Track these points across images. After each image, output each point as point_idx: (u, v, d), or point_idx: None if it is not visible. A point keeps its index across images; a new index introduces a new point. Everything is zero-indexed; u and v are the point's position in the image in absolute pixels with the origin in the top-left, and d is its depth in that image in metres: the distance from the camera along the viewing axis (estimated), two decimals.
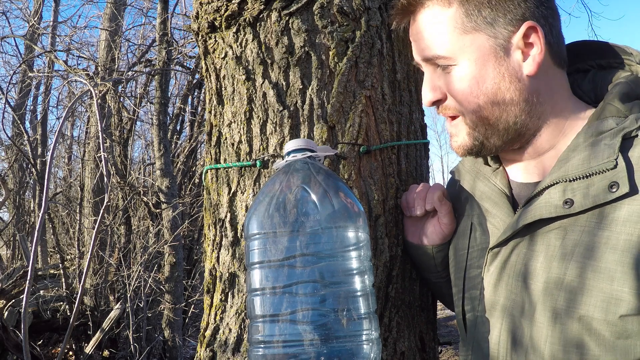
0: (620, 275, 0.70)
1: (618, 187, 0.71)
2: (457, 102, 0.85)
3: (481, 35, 0.81)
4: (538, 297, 0.77)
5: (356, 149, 1.01)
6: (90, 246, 4.86)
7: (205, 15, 1.10)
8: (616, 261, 0.70)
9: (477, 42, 0.81)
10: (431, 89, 0.88)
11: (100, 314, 4.61)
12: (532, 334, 0.78)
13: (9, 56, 10.97)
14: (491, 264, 0.87)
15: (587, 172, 0.75)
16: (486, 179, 0.93)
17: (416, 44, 0.90)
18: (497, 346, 0.83)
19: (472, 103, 0.83)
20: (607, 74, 0.87)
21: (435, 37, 0.84)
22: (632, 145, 0.74)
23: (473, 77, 0.82)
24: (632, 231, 0.70)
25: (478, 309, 0.88)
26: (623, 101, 0.79)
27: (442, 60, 0.84)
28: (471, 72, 0.82)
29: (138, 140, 8.08)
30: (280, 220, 0.78)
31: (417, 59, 0.91)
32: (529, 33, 0.80)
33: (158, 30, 4.50)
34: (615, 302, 0.70)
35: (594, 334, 0.71)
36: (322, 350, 0.73)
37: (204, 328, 1.09)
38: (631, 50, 0.87)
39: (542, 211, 0.78)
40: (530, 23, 0.80)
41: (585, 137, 0.78)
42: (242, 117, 1.06)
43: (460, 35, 0.82)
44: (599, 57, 0.90)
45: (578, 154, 0.77)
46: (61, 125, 2.53)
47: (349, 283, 0.78)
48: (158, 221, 4.65)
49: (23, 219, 7.60)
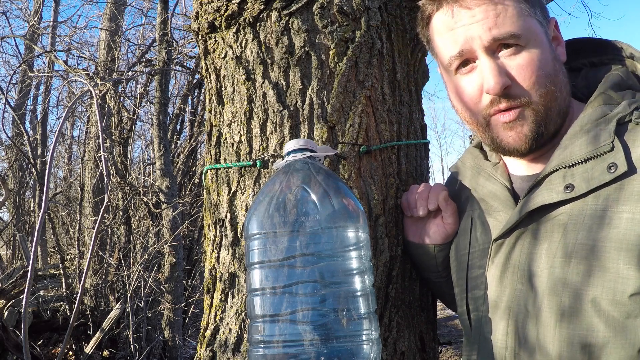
0: (624, 254, 0.71)
1: (617, 168, 0.73)
2: (525, 87, 0.82)
3: (535, 21, 0.84)
4: (544, 293, 0.78)
5: (356, 149, 1.01)
6: (90, 246, 4.86)
7: (205, 15, 1.10)
8: (620, 240, 0.71)
9: (536, 27, 0.83)
10: (501, 73, 0.81)
11: (100, 314, 4.61)
12: (538, 329, 0.78)
13: (9, 56, 10.97)
14: (495, 256, 0.87)
15: (585, 157, 0.77)
16: (487, 174, 0.94)
17: (480, 24, 0.81)
18: (503, 345, 0.83)
19: (541, 86, 0.82)
20: (598, 71, 0.90)
21: (508, 15, 0.81)
22: (627, 129, 0.77)
23: (540, 60, 0.82)
24: (634, 209, 0.71)
25: (482, 309, 0.88)
26: (615, 90, 0.83)
27: (515, 39, 0.81)
28: (539, 55, 0.82)
29: (138, 140, 8.08)
30: (280, 220, 0.78)
31: (477, 43, 0.82)
32: (557, 27, 0.87)
33: (158, 30, 4.50)
34: (622, 281, 0.70)
35: (604, 315, 0.72)
36: (322, 350, 0.73)
37: (204, 328, 1.09)
38: (621, 45, 0.89)
39: (544, 197, 0.79)
40: (554, 19, 0.87)
41: (582, 124, 0.80)
42: (242, 117, 1.06)
43: (527, 17, 0.83)
44: (591, 55, 0.92)
45: (576, 140, 0.79)
46: (61, 125, 2.53)
47: (349, 283, 0.78)
48: (158, 221, 4.65)
49: (23, 219, 7.60)
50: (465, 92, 0.87)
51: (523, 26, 0.81)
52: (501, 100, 0.82)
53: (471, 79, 0.86)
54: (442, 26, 0.87)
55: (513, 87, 0.82)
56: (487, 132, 0.87)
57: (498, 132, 0.85)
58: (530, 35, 0.82)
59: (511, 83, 0.82)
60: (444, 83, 0.95)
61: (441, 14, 0.87)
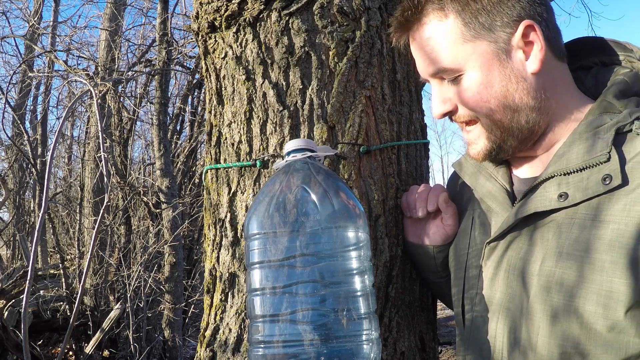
0: (609, 266, 0.71)
1: (611, 180, 0.73)
2: (468, 109, 0.86)
3: (482, 41, 0.82)
4: (535, 294, 0.77)
5: (356, 149, 1.01)
6: (90, 246, 4.86)
7: (205, 15, 1.10)
8: (606, 252, 0.71)
9: (479, 49, 0.82)
10: (441, 101, 0.88)
11: (100, 314, 4.61)
12: (530, 332, 0.78)
13: (9, 56, 10.97)
14: (488, 258, 0.87)
15: (581, 166, 0.76)
16: (489, 175, 0.94)
17: (419, 61, 0.89)
18: (494, 345, 0.84)
19: (484, 108, 0.83)
20: (608, 71, 0.88)
21: (437, 51, 0.84)
22: (626, 139, 0.76)
23: (481, 84, 0.82)
24: (620, 220, 0.71)
25: (476, 309, 0.88)
26: (618, 98, 0.81)
27: (448, 72, 0.84)
28: (478, 79, 0.82)
29: (138, 140, 8.08)
30: (280, 220, 0.78)
31: (423, 75, 0.91)
32: (528, 32, 0.81)
33: (158, 30, 4.50)
34: (607, 294, 0.70)
35: (589, 329, 0.72)
36: (322, 350, 0.73)
37: (204, 328, 1.09)
38: (632, 47, 0.88)
39: (537, 204, 0.80)
40: (527, 22, 0.81)
41: (581, 132, 0.80)
42: (242, 117, 1.06)
43: (462, 44, 0.82)
44: (601, 54, 0.91)
45: (573, 148, 0.79)
46: (61, 125, 2.53)
47: (349, 283, 0.78)
48: (158, 221, 4.65)
49: (23, 219, 7.60)
50: None
51: (456, 57, 0.83)
52: (453, 119, 0.90)
53: None
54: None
55: (459, 109, 0.87)
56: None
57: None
58: (466, 62, 0.82)
59: (452, 109, 0.88)
60: None
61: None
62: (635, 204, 0.70)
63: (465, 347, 0.91)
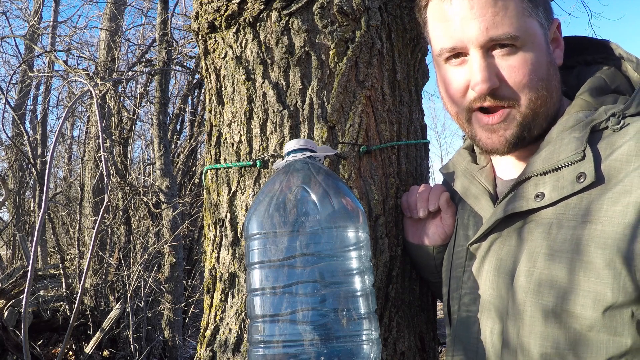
0: (591, 266, 0.70)
1: (585, 178, 0.73)
2: (515, 89, 0.80)
3: (535, 22, 0.81)
4: (525, 294, 0.77)
5: (356, 149, 1.01)
6: (90, 246, 4.85)
7: (205, 15, 1.10)
8: (591, 253, 0.71)
9: (535, 29, 0.80)
10: (491, 74, 0.79)
11: (100, 314, 4.61)
12: (520, 333, 0.77)
13: (9, 56, 10.96)
14: (472, 259, 0.88)
15: (556, 165, 0.76)
16: (472, 177, 0.95)
17: (474, 23, 0.79)
18: (483, 344, 0.84)
19: (532, 90, 0.79)
20: (590, 70, 0.88)
21: (507, 15, 0.78)
22: (601, 137, 0.76)
23: (535, 63, 0.79)
24: (602, 221, 0.71)
25: (463, 309, 0.89)
26: (594, 95, 0.81)
27: (512, 40, 0.78)
28: (533, 58, 0.79)
29: (138, 140, 8.08)
30: (280, 220, 0.78)
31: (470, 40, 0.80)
32: (559, 28, 0.85)
33: (158, 30, 4.51)
34: (593, 295, 0.70)
35: (571, 328, 0.72)
36: (322, 350, 0.73)
37: (204, 328, 1.09)
38: (611, 45, 0.88)
39: (514, 205, 0.80)
40: (558, 20, 0.84)
41: (557, 131, 0.80)
42: (242, 117, 1.06)
43: (527, 18, 0.80)
44: (584, 54, 0.91)
45: (549, 148, 0.79)
46: (61, 125, 2.53)
47: (349, 283, 0.78)
48: (158, 221, 4.65)
49: (23, 219, 7.60)
50: (453, 84, 0.85)
51: (522, 27, 0.78)
52: (487, 98, 0.81)
53: (460, 72, 0.83)
54: (439, 14, 0.84)
55: (502, 88, 0.80)
56: (468, 127, 0.87)
57: (477, 131, 0.85)
58: (527, 36, 0.79)
59: (499, 84, 0.80)
60: (435, 68, 0.92)
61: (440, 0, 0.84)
62: (614, 204, 0.70)
63: (453, 346, 0.91)
